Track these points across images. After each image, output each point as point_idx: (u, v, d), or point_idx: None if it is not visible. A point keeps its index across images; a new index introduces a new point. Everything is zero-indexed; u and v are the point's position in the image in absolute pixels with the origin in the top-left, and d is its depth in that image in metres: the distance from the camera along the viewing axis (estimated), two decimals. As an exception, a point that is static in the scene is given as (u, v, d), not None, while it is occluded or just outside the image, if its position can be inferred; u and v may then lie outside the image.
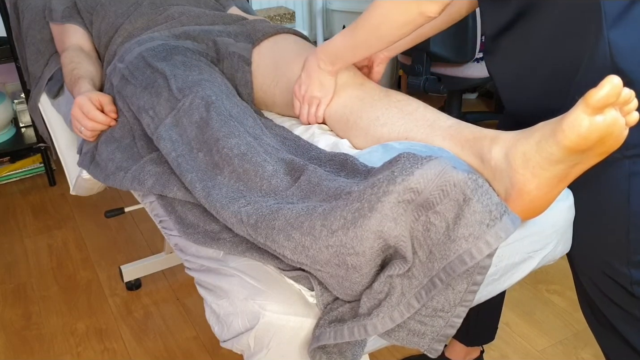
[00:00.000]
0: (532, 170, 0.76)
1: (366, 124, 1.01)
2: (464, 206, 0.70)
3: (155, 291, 1.87)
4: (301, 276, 0.80)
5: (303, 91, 1.08)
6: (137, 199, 1.17)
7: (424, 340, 0.79)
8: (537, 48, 0.91)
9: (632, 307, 0.98)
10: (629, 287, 0.96)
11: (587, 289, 1.04)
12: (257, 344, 0.80)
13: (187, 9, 1.40)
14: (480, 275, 0.74)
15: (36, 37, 1.57)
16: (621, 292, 0.98)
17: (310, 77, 1.06)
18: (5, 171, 2.53)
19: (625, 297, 0.98)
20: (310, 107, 1.09)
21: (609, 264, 0.97)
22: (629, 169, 0.90)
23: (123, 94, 1.14)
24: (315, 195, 0.82)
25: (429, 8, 0.87)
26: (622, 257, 0.95)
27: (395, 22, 0.91)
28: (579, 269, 1.04)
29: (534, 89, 0.95)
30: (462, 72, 2.21)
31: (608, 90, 0.66)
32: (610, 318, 1.02)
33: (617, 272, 0.96)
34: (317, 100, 1.07)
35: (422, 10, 0.87)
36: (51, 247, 2.11)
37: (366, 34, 0.96)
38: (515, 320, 1.70)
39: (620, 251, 0.95)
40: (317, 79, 1.05)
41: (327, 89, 1.06)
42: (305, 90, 1.08)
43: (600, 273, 0.99)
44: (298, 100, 1.11)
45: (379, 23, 0.93)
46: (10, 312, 1.79)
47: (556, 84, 0.91)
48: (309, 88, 1.07)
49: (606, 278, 0.99)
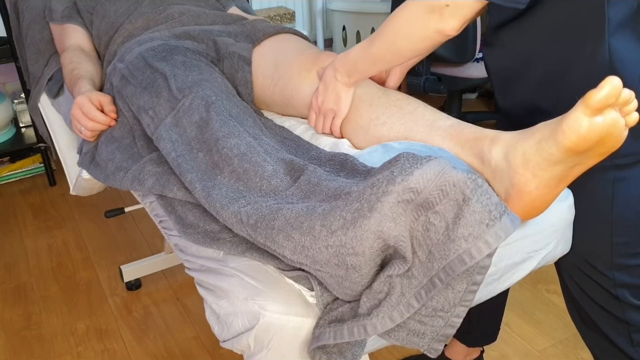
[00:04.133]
0: (532, 170, 0.76)
1: (366, 122, 1.01)
2: (464, 206, 0.70)
3: (155, 291, 1.87)
4: (301, 276, 0.80)
5: (320, 102, 1.05)
6: (137, 199, 1.17)
7: (424, 340, 0.79)
8: (536, 43, 0.90)
9: (615, 310, 0.99)
10: (612, 290, 0.97)
11: (571, 290, 1.05)
12: (257, 344, 0.80)
13: (187, 9, 1.40)
14: (480, 275, 0.74)
15: (36, 37, 1.57)
16: (605, 294, 0.98)
17: (327, 88, 1.03)
18: (5, 171, 2.53)
19: (609, 300, 0.98)
20: (325, 120, 1.06)
21: (592, 265, 0.98)
22: (613, 175, 0.90)
23: (123, 94, 1.14)
24: (315, 195, 0.82)
25: (447, 25, 0.83)
26: (606, 260, 0.96)
27: (412, 37, 0.88)
28: (563, 268, 1.05)
29: (526, 85, 0.94)
30: (462, 72, 2.21)
31: (608, 91, 0.66)
32: (596, 320, 1.03)
33: (601, 274, 0.97)
34: (332, 113, 1.04)
35: (440, 28, 0.83)
36: (51, 247, 2.11)
37: (383, 48, 0.93)
38: (515, 320, 1.70)
39: (604, 254, 0.95)
40: (333, 91, 1.02)
41: (344, 101, 1.03)
42: (321, 102, 1.05)
43: (583, 274, 1.00)
44: (314, 112, 1.08)
45: (396, 38, 0.90)
46: (10, 312, 1.79)
47: (548, 82, 0.91)
48: (326, 100, 1.04)
49: (590, 280, 0.99)
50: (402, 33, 0.88)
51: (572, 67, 0.86)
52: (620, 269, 0.95)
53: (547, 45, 0.89)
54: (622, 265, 0.95)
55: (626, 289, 0.96)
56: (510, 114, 1.01)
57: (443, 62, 2.19)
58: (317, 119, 1.07)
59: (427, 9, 0.83)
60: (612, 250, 0.94)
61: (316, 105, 1.06)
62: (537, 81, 0.92)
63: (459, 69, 2.20)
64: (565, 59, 0.87)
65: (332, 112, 1.04)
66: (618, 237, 0.94)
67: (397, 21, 0.88)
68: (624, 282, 0.96)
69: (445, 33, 0.84)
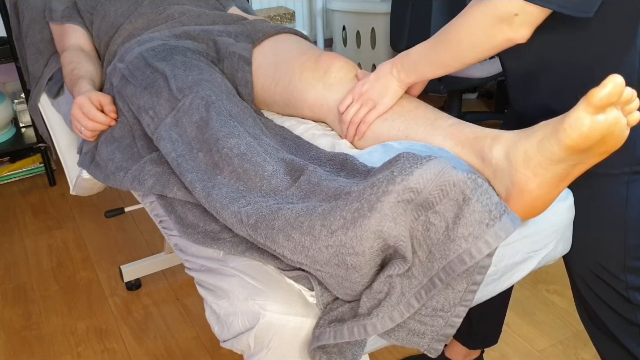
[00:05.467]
0: (533, 169, 0.76)
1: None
2: (464, 206, 0.70)
3: (155, 291, 1.87)
4: (301, 276, 0.80)
5: (364, 90, 1.00)
6: (137, 199, 1.17)
7: (424, 340, 0.79)
8: (557, 47, 0.88)
9: (627, 313, 0.98)
10: (624, 293, 0.96)
11: (582, 292, 1.04)
12: (257, 344, 0.80)
13: (187, 9, 1.40)
14: (480, 275, 0.74)
15: (36, 37, 1.57)
16: (617, 297, 0.98)
17: (378, 79, 0.99)
18: (5, 171, 2.53)
19: (620, 302, 0.98)
20: (362, 108, 1.00)
21: (604, 268, 0.97)
22: (627, 177, 0.90)
23: (123, 94, 1.14)
24: (315, 195, 0.82)
25: (518, 34, 0.80)
26: (619, 262, 0.95)
27: (479, 45, 0.85)
28: (574, 271, 1.04)
29: (543, 89, 0.93)
30: (462, 72, 2.20)
31: (610, 90, 0.66)
32: (606, 322, 1.02)
33: (613, 277, 0.96)
34: (372, 103, 0.99)
35: (510, 37, 0.81)
36: (51, 247, 2.11)
37: (447, 55, 0.89)
38: (515, 320, 1.70)
39: (616, 256, 0.95)
40: (384, 84, 0.98)
41: (390, 97, 0.98)
42: (366, 89, 1.00)
43: (595, 277, 0.99)
44: (353, 97, 1.02)
45: (462, 44, 0.86)
46: (10, 312, 1.79)
47: (567, 87, 0.90)
48: (371, 90, 0.99)
49: (602, 282, 0.99)
50: (469, 41, 0.85)
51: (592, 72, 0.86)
52: (633, 271, 0.95)
53: (569, 50, 0.87)
54: (635, 268, 0.95)
55: (638, 292, 0.96)
56: (523, 115, 1.00)
57: (443, 62, 2.19)
58: (354, 104, 1.01)
59: (496, 19, 0.80)
60: (626, 252, 0.94)
61: (359, 92, 1.01)
62: (553, 85, 0.92)
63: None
64: (587, 64, 0.86)
65: (373, 102, 0.99)
66: (631, 240, 0.93)
67: (464, 29, 0.85)
68: (636, 284, 0.95)
69: (514, 42, 0.82)
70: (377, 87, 0.99)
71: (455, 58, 0.89)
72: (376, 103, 0.99)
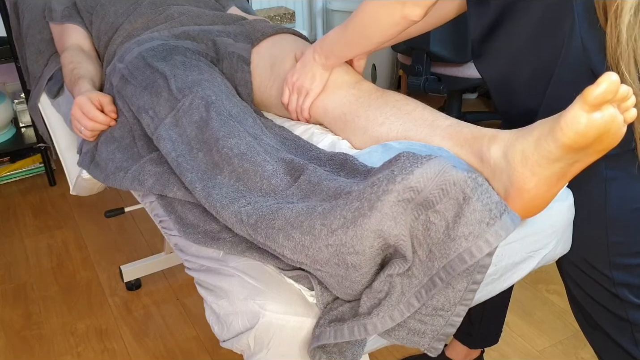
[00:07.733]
0: (531, 168, 0.76)
1: (364, 123, 1.01)
2: (464, 205, 0.70)
3: (155, 291, 1.87)
4: (301, 276, 0.80)
5: (295, 79, 1.09)
6: (137, 199, 1.17)
7: (424, 340, 0.79)
8: (518, 48, 0.92)
9: (618, 309, 0.99)
10: (612, 289, 0.97)
11: (574, 292, 1.05)
12: (257, 343, 0.80)
13: (186, 9, 1.40)
14: (480, 274, 0.74)
15: (36, 37, 1.57)
16: (606, 294, 0.98)
17: (305, 67, 1.07)
18: (5, 171, 2.53)
19: (610, 299, 0.98)
20: (298, 97, 1.09)
21: (591, 265, 0.98)
22: (604, 175, 0.90)
23: (123, 94, 1.14)
24: (315, 194, 0.82)
25: (412, 12, 0.89)
26: (604, 260, 0.96)
27: (381, 24, 0.93)
28: (564, 270, 1.05)
29: (518, 90, 0.96)
30: (462, 72, 2.21)
31: (606, 87, 0.66)
32: (598, 320, 1.02)
33: (600, 273, 0.97)
34: (305, 90, 1.08)
35: (405, 14, 0.90)
36: (51, 247, 2.11)
37: (356, 33, 0.98)
38: (515, 320, 1.70)
39: (601, 253, 0.96)
40: (310, 71, 1.06)
41: (318, 81, 1.06)
42: (296, 78, 1.08)
43: (584, 275, 1.00)
44: (288, 88, 1.11)
45: (367, 24, 0.95)
46: (10, 312, 1.79)
47: (536, 83, 0.91)
48: (300, 77, 1.07)
49: (590, 280, 0.99)
50: (372, 20, 0.94)
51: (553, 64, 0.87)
52: (619, 268, 0.95)
53: (528, 46, 0.90)
54: (620, 265, 0.95)
55: (626, 288, 0.96)
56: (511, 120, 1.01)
57: (443, 62, 2.19)
58: (291, 96, 1.11)
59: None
60: (609, 249, 0.94)
61: (291, 82, 1.10)
62: (526, 84, 0.93)
63: (459, 69, 2.20)
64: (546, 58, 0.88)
65: (305, 90, 1.07)
66: (613, 237, 0.94)
67: (367, 9, 0.94)
68: (623, 281, 0.96)
69: (411, 19, 0.90)
70: (304, 75, 1.07)
71: (365, 36, 0.98)
72: (308, 90, 1.08)
